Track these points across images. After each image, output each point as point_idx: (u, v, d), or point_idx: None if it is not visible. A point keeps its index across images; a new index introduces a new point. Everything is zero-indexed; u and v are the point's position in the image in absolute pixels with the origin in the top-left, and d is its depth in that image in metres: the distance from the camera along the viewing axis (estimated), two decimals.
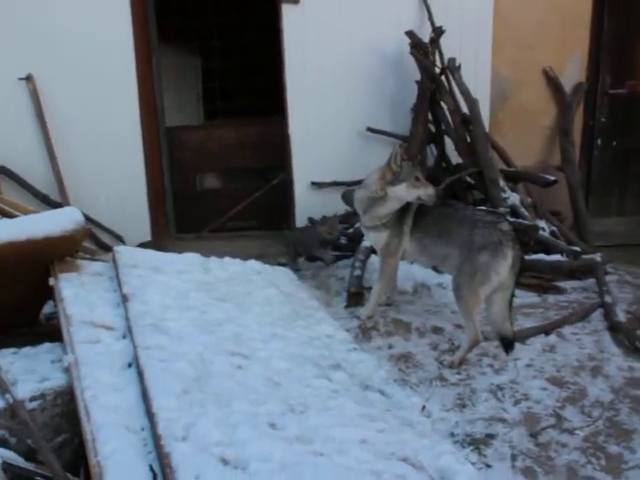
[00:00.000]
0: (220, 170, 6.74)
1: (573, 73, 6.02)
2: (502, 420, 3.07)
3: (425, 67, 5.31)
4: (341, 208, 5.39)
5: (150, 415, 2.33)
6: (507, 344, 3.62)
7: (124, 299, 3.31)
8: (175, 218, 6.62)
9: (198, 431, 2.29)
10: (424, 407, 3.12)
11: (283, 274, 4.77)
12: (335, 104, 5.64)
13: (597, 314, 4.21)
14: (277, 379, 2.94)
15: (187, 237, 6.43)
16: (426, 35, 5.41)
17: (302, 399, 2.78)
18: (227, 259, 4.63)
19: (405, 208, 3.99)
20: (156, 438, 2.20)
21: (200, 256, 4.55)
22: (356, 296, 4.39)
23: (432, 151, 5.61)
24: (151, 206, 5.93)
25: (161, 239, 6.09)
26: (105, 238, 5.62)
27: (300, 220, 5.78)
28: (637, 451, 2.86)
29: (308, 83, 5.63)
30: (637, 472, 2.73)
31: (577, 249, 4.91)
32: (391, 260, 4.13)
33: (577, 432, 3.00)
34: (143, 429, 2.32)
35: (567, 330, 3.99)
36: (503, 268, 3.56)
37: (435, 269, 4.46)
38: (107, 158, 5.67)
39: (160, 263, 4.14)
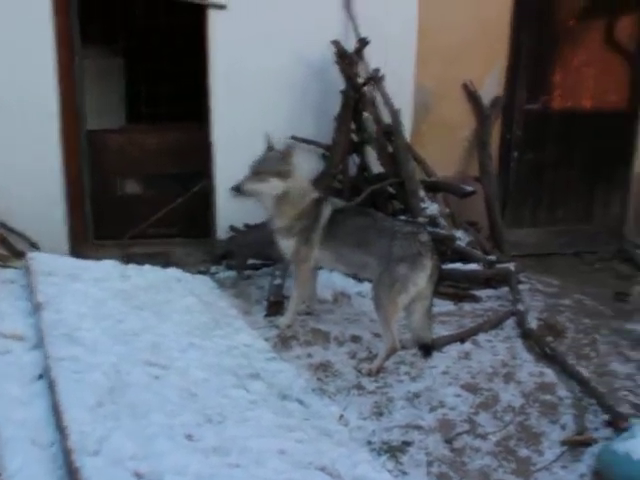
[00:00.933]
0: (142, 175, 6.60)
1: (491, 88, 6.19)
2: (418, 427, 3.13)
3: (349, 77, 5.35)
4: (263, 216, 5.37)
5: (61, 429, 2.27)
6: (426, 351, 3.71)
7: (37, 308, 3.23)
8: (94, 224, 6.43)
9: (112, 444, 2.25)
10: (342, 416, 3.15)
11: (203, 282, 4.73)
12: (259, 111, 5.61)
13: (510, 322, 4.32)
14: (194, 389, 2.92)
15: (106, 244, 6.26)
16: (351, 45, 5.47)
17: (219, 409, 2.77)
18: (147, 267, 4.58)
19: (315, 217, 4.00)
20: (66, 453, 2.15)
21: (119, 263, 4.48)
22: (276, 305, 4.37)
23: (354, 160, 5.66)
24: (69, 211, 5.76)
25: (79, 245, 5.92)
26: (19, 244, 5.42)
27: (221, 228, 5.72)
28: (545, 453, 2.98)
29: (233, 89, 5.58)
30: (545, 474, 2.85)
31: (492, 258, 5.05)
32: (304, 267, 4.13)
33: (490, 437, 3.09)
34: (53, 444, 2.26)
35: (482, 337, 4.09)
36: (421, 279, 3.62)
37: (355, 277, 4.51)
38: (24, 161, 5.46)
39: (77, 270, 4.07)
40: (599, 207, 6.76)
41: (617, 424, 3.07)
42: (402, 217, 4.78)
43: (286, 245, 4.12)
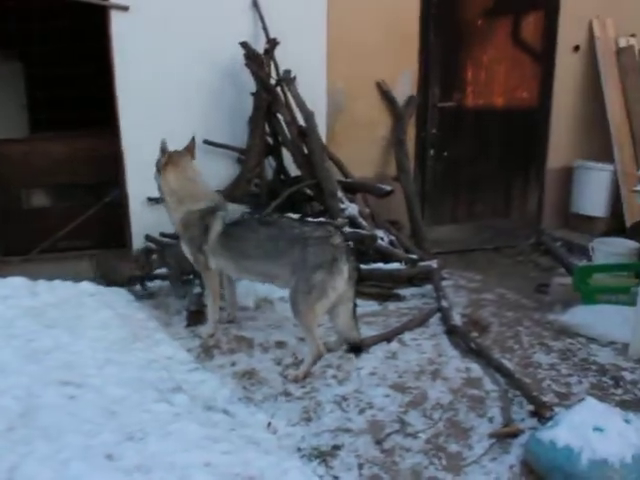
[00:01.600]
0: (50, 187, 6.31)
1: (405, 87, 6.23)
2: (348, 430, 3.09)
3: (260, 78, 5.28)
4: None
5: None
6: (356, 351, 3.72)
7: None
8: None
9: (24, 472, 2.19)
10: (269, 424, 3.09)
11: (119, 295, 4.56)
12: (170, 116, 5.44)
13: (435, 319, 4.35)
14: (113, 407, 2.84)
15: (13, 260, 5.95)
16: (262, 46, 5.39)
17: (141, 426, 2.70)
18: (57, 282, 4.39)
19: (205, 228, 3.94)
20: None
21: (26, 280, 4.29)
22: (196, 314, 4.26)
23: (270, 163, 5.59)
24: None
25: None
26: None
27: (137, 237, 5.53)
28: (474, 447, 2.99)
29: (141, 94, 5.38)
30: (475, 467, 2.86)
31: (414, 257, 5.07)
32: (208, 274, 4.07)
33: (420, 435, 3.08)
34: None
35: (407, 336, 4.09)
36: (340, 283, 3.57)
37: None
38: None
39: None
40: (516, 202, 6.90)
41: (541, 413, 3.12)
42: (310, 219, 4.59)
43: (185, 250, 4.11)
